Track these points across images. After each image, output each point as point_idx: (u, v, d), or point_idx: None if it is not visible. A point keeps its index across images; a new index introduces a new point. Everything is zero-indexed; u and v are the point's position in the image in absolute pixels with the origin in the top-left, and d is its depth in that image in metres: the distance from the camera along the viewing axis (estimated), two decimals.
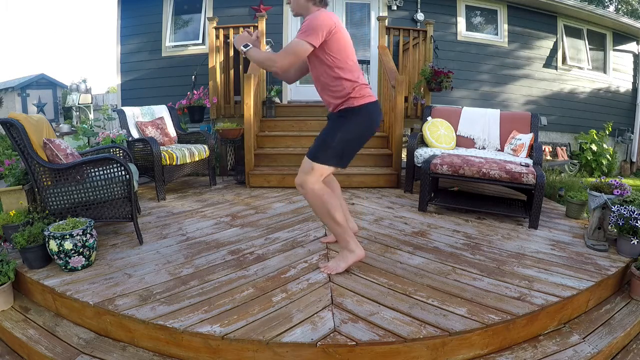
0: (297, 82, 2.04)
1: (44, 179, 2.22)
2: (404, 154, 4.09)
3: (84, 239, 1.94)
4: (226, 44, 4.91)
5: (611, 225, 2.31)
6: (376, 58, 5.59)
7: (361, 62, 6.17)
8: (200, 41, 5.86)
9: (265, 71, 4.74)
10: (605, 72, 7.21)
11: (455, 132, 3.88)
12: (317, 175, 1.86)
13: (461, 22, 6.09)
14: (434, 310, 1.60)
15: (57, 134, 5.22)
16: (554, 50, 6.60)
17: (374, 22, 5.86)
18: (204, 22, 5.81)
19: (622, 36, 7.28)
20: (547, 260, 2.15)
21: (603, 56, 7.22)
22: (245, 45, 1.86)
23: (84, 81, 7.69)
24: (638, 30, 7.11)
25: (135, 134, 3.77)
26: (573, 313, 1.79)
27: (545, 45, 6.54)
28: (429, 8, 5.92)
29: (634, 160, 7.59)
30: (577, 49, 6.91)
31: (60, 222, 2.07)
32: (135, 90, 5.99)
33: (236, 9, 5.78)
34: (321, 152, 1.87)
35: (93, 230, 2.03)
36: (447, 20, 6.04)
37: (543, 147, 4.41)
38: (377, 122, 1.98)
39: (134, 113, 3.92)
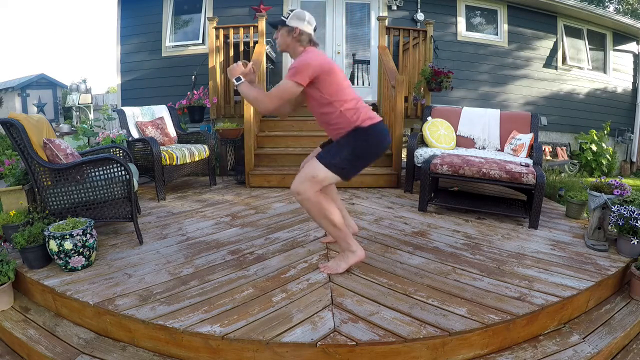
0: None
1: (44, 179, 2.22)
2: (404, 154, 4.09)
3: (84, 239, 1.94)
4: (226, 44, 4.91)
5: (611, 225, 2.31)
6: (376, 58, 5.59)
7: (361, 62, 6.18)
8: (200, 41, 5.87)
9: (265, 71, 4.74)
10: (605, 72, 7.21)
11: (455, 132, 3.88)
12: (317, 185, 1.82)
13: (461, 22, 6.10)
14: (434, 310, 1.60)
15: (57, 134, 5.22)
16: (553, 50, 6.61)
17: (374, 22, 5.86)
18: (204, 22, 5.81)
19: (622, 36, 7.28)
20: (547, 260, 2.15)
21: (603, 56, 7.23)
22: (237, 79, 1.86)
23: (84, 81, 7.69)
24: (638, 30, 7.12)
25: (135, 134, 3.77)
26: (573, 313, 1.79)
27: (545, 45, 6.55)
28: (429, 8, 5.93)
29: (634, 160, 7.59)
30: (577, 49, 6.92)
31: (60, 222, 2.07)
32: (135, 90, 5.99)
33: (236, 9, 5.79)
34: (329, 160, 1.84)
35: (93, 230, 2.03)
36: (447, 20, 6.04)
37: (543, 147, 4.41)
38: (387, 142, 1.96)
39: (134, 113, 3.92)
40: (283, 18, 1.90)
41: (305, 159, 2.22)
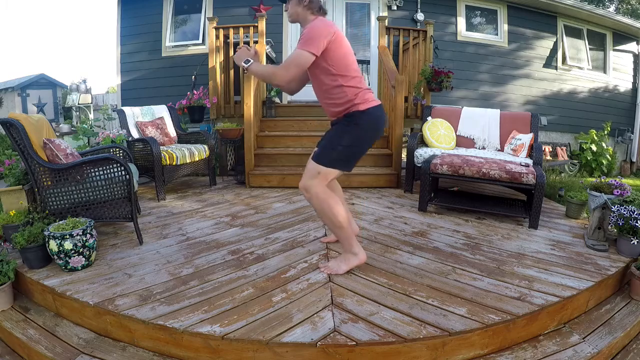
0: None
1: (44, 179, 2.22)
2: (404, 154, 4.09)
3: (84, 239, 1.94)
4: (226, 44, 4.91)
5: (611, 225, 2.31)
6: (376, 58, 5.59)
7: (361, 62, 6.18)
8: (200, 41, 5.87)
9: None
10: (605, 72, 7.21)
11: (455, 132, 3.88)
12: (323, 180, 1.84)
13: (461, 22, 6.10)
14: (434, 310, 1.60)
15: (57, 134, 5.23)
16: (553, 50, 6.61)
17: (374, 22, 5.86)
18: (204, 22, 5.81)
19: (622, 36, 7.28)
20: (547, 260, 2.15)
21: (603, 56, 7.23)
22: (247, 61, 1.84)
23: (84, 81, 7.67)
24: (638, 30, 7.12)
25: (135, 134, 3.77)
26: (573, 313, 1.79)
27: (545, 45, 6.55)
28: (429, 8, 5.93)
29: (634, 160, 7.59)
30: (577, 49, 6.92)
31: (60, 222, 2.07)
32: (135, 90, 5.99)
33: (236, 9, 5.79)
34: (327, 156, 1.85)
35: (93, 230, 2.03)
36: (447, 20, 6.04)
37: (543, 147, 4.41)
38: (382, 126, 1.96)
39: (134, 113, 3.92)
40: None
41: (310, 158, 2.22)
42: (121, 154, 2.88)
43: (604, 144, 6.77)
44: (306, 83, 2.09)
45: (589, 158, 6.64)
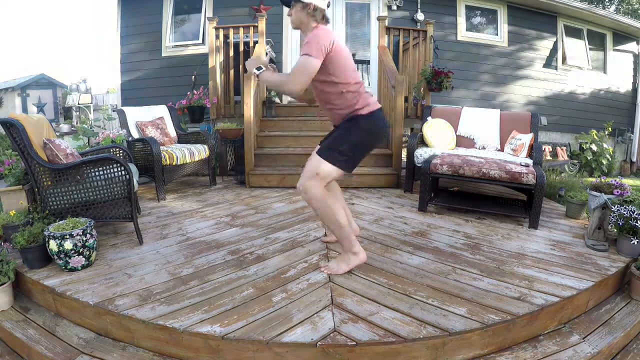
0: None
1: (44, 179, 2.22)
2: (404, 154, 4.08)
3: (84, 239, 1.94)
4: (226, 44, 4.91)
5: (611, 225, 2.31)
6: (376, 58, 5.59)
7: (361, 62, 6.18)
8: (200, 41, 5.87)
9: None
10: (605, 72, 7.21)
11: (455, 132, 3.88)
12: (321, 181, 1.83)
13: (461, 22, 6.10)
14: (434, 310, 1.60)
15: (57, 134, 5.22)
16: (554, 51, 6.61)
17: (374, 22, 5.86)
18: (204, 22, 5.82)
19: (622, 36, 7.28)
20: (547, 260, 2.15)
21: (603, 56, 7.23)
22: (259, 68, 1.86)
23: (84, 81, 7.68)
24: (638, 30, 7.12)
25: (135, 134, 3.77)
26: (573, 313, 1.79)
27: (545, 46, 6.55)
28: (429, 8, 5.93)
29: (634, 160, 7.59)
30: (577, 49, 6.92)
31: (60, 222, 2.07)
32: (135, 90, 5.99)
33: (236, 9, 5.79)
34: (330, 153, 1.86)
35: (93, 230, 2.03)
36: (447, 20, 6.04)
37: (543, 147, 4.41)
38: (384, 128, 1.98)
39: (134, 113, 3.92)
40: None
41: (308, 159, 2.22)
42: (121, 154, 2.88)
43: (604, 144, 6.77)
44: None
45: (589, 158, 6.64)
